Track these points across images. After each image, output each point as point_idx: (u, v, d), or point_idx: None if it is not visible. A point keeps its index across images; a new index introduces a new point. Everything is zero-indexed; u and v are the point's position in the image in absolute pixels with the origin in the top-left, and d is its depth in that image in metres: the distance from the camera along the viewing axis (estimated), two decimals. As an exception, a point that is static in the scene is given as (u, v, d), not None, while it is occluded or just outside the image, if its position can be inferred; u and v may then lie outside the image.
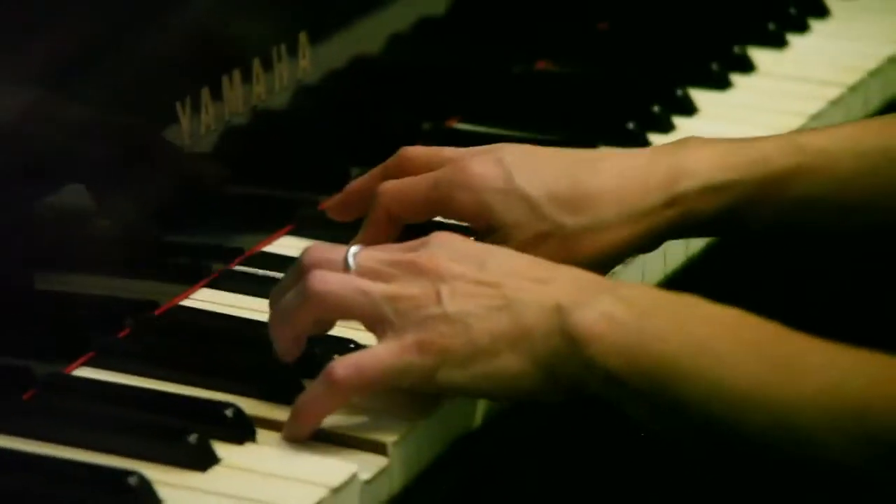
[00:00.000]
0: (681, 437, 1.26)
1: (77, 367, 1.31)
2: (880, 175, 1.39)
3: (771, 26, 1.76)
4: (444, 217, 1.35)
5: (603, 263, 1.35)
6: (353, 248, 1.24)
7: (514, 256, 1.27)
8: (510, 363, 1.21)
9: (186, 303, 1.41)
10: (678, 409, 1.20)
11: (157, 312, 1.39)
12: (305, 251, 1.26)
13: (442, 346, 1.20)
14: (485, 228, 1.34)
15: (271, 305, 1.27)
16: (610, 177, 1.37)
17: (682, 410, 1.20)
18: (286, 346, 1.26)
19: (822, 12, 1.80)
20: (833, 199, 1.39)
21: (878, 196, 1.39)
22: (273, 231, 1.49)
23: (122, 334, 1.36)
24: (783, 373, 1.20)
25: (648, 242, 1.37)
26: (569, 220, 1.34)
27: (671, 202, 1.36)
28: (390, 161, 1.38)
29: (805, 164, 1.38)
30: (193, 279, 1.42)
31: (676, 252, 1.53)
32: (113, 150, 1.38)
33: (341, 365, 1.20)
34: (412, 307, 1.21)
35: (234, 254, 1.46)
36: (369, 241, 1.32)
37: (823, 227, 1.42)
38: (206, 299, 1.41)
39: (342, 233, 1.38)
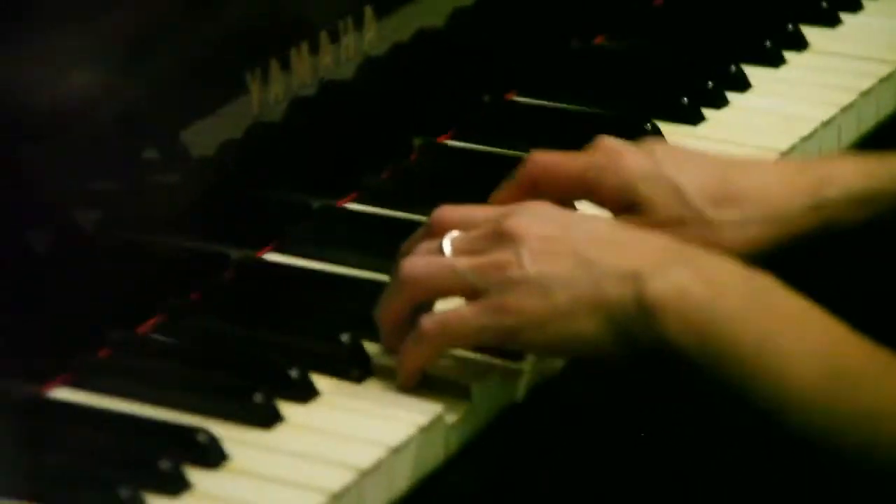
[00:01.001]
0: (742, 421, 1.29)
1: (148, 329, 1.33)
2: None
3: (824, 4, 1.75)
4: (591, 200, 1.35)
5: (744, 256, 1.32)
6: (452, 234, 1.27)
7: (598, 221, 1.31)
8: (587, 327, 1.22)
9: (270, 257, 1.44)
10: (739, 395, 1.21)
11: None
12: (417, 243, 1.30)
13: (521, 308, 1.22)
14: (627, 207, 1.34)
15: (399, 260, 1.30)
16: (758, 178, 1.37)
17: (742, 397, 1.21)
18: (388, 333, 1.30)
19: None
20: None
21: None
22: (341, 197, 1.51)
23: (192, 296, 1.37)
24: (841, 383, 1.21)
25: (787, 244, 1.36)
26: (713, 213, 1.35)
27: (816, 207, 1.36)
28: (530, 171, 1.37)
29: None
30: (272, 235, 1.45)
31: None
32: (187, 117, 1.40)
33: (430, 320, 1.25)
34: (495, 271, 1.23)
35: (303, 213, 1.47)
36: (506, 202, 1.33)
37: None
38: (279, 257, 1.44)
39: (403, 202, 1.42)
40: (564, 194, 1.34)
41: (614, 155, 1.35)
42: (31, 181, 1.26)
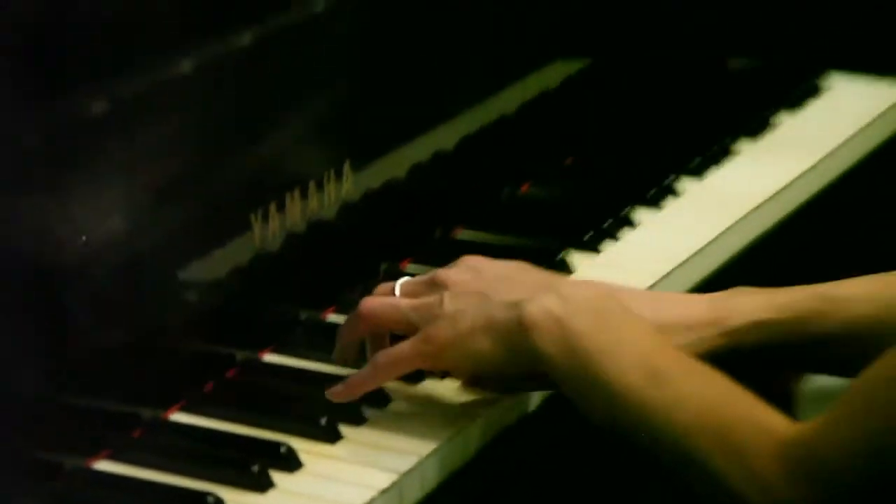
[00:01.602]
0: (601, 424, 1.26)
1: (174, 413, 1.31)
2: (885, 321, 1.34)
3: (697, 160, 1.71)
4: None
5: None
6: (401, 280, 1.33)
7: (506, 265, 1.34)
8: (484, 346, 1.25)
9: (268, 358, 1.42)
10: (590, 396, 1.22)
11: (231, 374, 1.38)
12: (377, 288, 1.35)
13: (438, 336, 1.26)
14: None
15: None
16: (681, 312, 1.36)
17: (592, 398, 1.22)
18: (341, 351, 1.35)
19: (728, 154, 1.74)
20: (839, 343, 1.35)
21: (885, 335, 1.30)
22: (323, 310, 1.48)
23: (207, 388, 1.35)
24: (653, 380, 1.20)
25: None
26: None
27: (724, 335, 1.34)
28: None
29: (822, 309, 1.35)
30: (270, 340, 1.43)
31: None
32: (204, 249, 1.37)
33: (383, 354, 1.29)
34: (426, 311, 1.28)
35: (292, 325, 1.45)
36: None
37: (839, 360, 1.37)
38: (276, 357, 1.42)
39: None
40: None
41: (565, 286, 1.33)
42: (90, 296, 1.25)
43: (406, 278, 1.33)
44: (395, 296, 1.32)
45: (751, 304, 1.36)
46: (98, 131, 1.25)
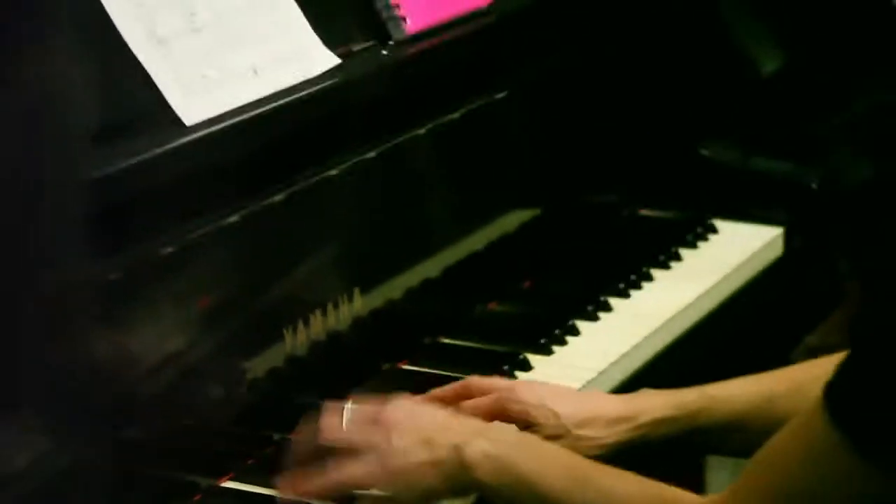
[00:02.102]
0: None
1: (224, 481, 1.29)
2: (761, 415, 1.31)
3: (622, 284, 1.69)
4: (500, 420, 1.33)
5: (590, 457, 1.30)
6: (350, 407, 1.25)
7: (438, 413, 1.28)
8: (431, 480, 1.21)
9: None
10: None
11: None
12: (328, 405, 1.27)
13: (390, 466, 1.21)
14: (524, 425, 1.32)
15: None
16: (601, 408, 1.35)
17: None
18: (296, 458, 1.26)
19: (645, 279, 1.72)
20: (724, 432, 1.34)
21: (763, 426, 1.27)
22: (339, 399, 1.38)
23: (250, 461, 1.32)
24: (577, 484, 1.19)
25: (617, 451, 1.33)
26: (576, 431, 1.32)
27: (634, 429, 1.33)
28: (460, 387, 1.37)
29: (707, 408, 1.33)
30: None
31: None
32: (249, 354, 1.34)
33: (332, 472, 1.21)
34: (374, 444, 1.22)
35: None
36: (442, 399, 1.34)
37: (727, 445, 1.36)
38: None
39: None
40: (482, 412, 1.33)
41: (514, 391, 1.34)
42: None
43: (353, 406, 1.25)
44: (344, 421, 1.25)
45: (654, 404, 1.35)
46: (164, 270, 1.24)
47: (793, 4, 2.24)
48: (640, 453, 1.33)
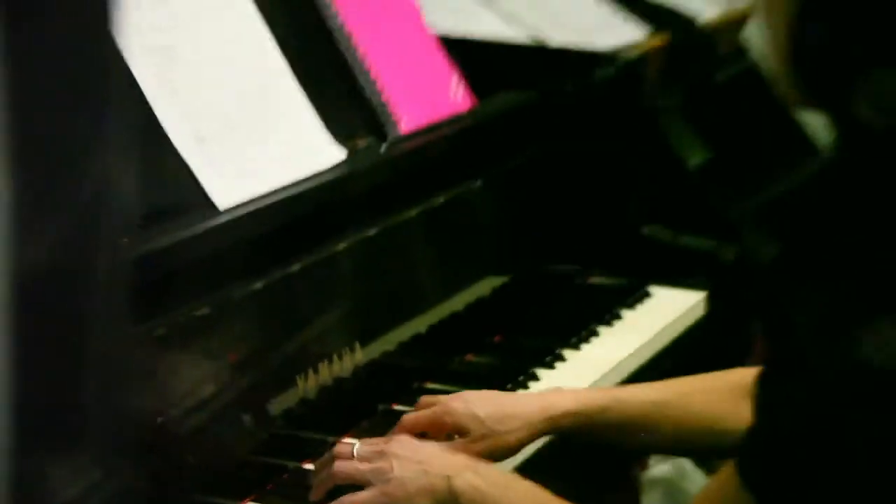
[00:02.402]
0: None
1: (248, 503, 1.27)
2: (652, 418, 1.31)
3: (574, 339, 1.68)
4: (438, 430, 1.31)
5: (513, 450, 1.30)
6: (357, 445, 1.24)
7: (435, 448, 1.26)
8: (424, 503, 1.19)
9: (307, 466, 1.33)
10: None
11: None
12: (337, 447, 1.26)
13: (392, 492, 1.20)
14: (459, 431, 1.30)
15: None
16: (518, 406, 1.32)
17: None
18: (316, 491, 1.25)
19: (593, 335, 1.70)
20: (627, 430, 1.32)
21: (653, 428, 1.31)
22: (344, 434, 1.41)
23: (269, 487, 1.29)
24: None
25: (532, 440, 1.31)
26: (498, 427, 1.29)
27: (546, 420, 1.31)
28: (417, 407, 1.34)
29: (606, 407, 1.32)
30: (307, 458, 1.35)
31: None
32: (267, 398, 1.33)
33: (348, 497, 1.20)
34: (379, 474, 1.21)
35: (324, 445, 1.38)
36: (409, 428, 1.31)
37: (626, 443, 1.35)
38: None
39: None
40: (422, 424, 1.31)
41: (447, 404, 1.32)
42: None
43: (360, 445, 1.24)
44: (354, 456, 1.23)
45: (564, 399, 1.34)
46: (201, 328, 1.24)
47: (713, 114, 2.27)
48: (560, 453, 1.29)
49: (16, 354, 0.46)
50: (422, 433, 1.29)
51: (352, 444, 1.24)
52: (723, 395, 1.29)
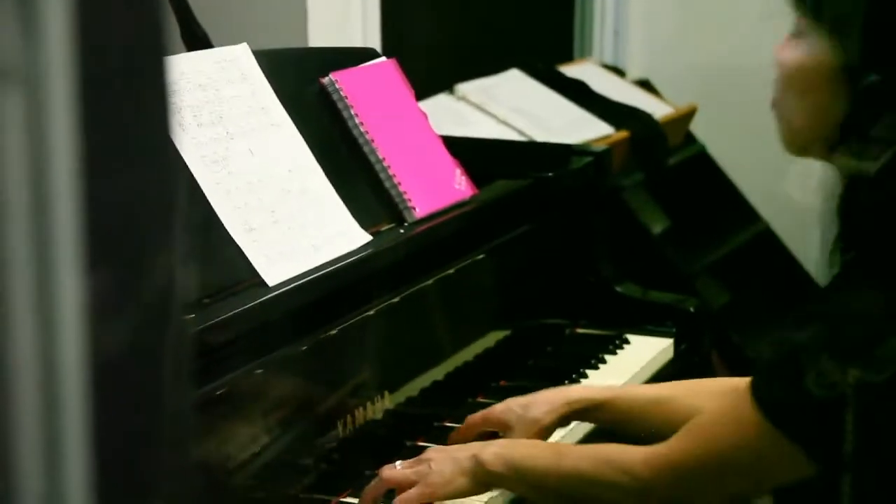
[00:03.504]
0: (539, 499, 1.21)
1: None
2: (646, 410, 1.30)
3: (566, 382, 1.65)
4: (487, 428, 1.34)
5: (544, 428, 1.30)
6: (398, 462, 1.25)
7: (456, 446, 1.25)
8: (461, 483, 1.19)
9: (344, 499, 1.30)
10: (530, 484, 1.17)
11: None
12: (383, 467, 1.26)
13: (434, 483, 1.19)
14: (503, 427, 1.31)
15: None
16: (542, 395, 1.33)
17: (532, 484, 1.17)
18: (366, 497, 1.24)
19: (583, 377, 1.67)
20: (629, 419, 1.30)
21: (650, 420, 1.29)
22: (377, 469, 1.35)
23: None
24: (557, 456, 1.16)
25: (557, 420, 1.32)
26: (529, 412, 1.30)
27: (564, 405, 1.31)
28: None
29: (612, 398, 1.31)
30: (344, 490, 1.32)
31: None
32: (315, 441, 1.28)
33: (400, 498, 1.20)
34: (423, 473, 1.20)
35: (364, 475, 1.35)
36: (467, 431, 1.34)
37: (633, 431, 1.30)
38: None
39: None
40: (477, 421, 1.34)
41: (489, 409, 1.35)
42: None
43: (400, 461, 1.25)
44: (397, 468, 1.24)
45: (579, 390, 1.37)
46: (257, 386, 1.21)
47: (668, 191, 2.27)
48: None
49: (95, 420, 0.44)
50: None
51: (393, 464, 1.24)
52: (706, 394, 1.27)
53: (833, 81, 1.00)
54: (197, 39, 1.44)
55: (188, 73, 1.32)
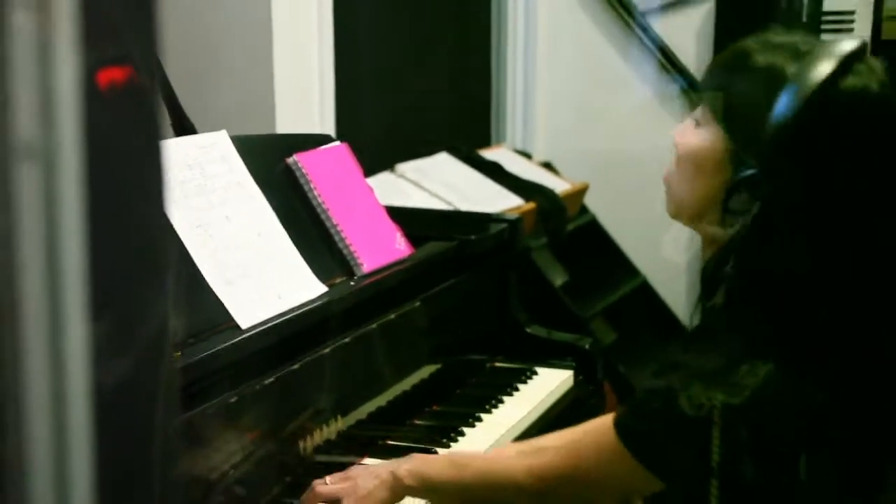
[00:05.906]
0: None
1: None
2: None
3: (487, 406, 1.63)
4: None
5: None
6: (327, 477, 1.20)
7: (378, 466, 1.21)
8: (382, 496, 1.15)
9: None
10: (440, 492, 1.14)
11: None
12: (315, 481, 1.20)
13: (359, 497, 1.15)
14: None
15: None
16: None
17: (441, 493, 1.14)
18: None
19: (500, 404, 1.66)
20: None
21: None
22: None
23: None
24: (459, 469, 1.13)
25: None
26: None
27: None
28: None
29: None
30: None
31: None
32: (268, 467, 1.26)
33: None
34: (348, 490, 1.16)
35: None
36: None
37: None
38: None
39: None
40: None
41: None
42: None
43: (329, 477, 1.20)
44: (327, 483, 1.19)
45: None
46: (230, 412, 1.18)
47: (567, 251, 2.29)
48: None
49: (99, 444, 0.43)
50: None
51: (324, 479, 1.20)
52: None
53: (720, 166, 1.00)
54: (185, 130, 1.45)
55: (178, 154, 1.32)
